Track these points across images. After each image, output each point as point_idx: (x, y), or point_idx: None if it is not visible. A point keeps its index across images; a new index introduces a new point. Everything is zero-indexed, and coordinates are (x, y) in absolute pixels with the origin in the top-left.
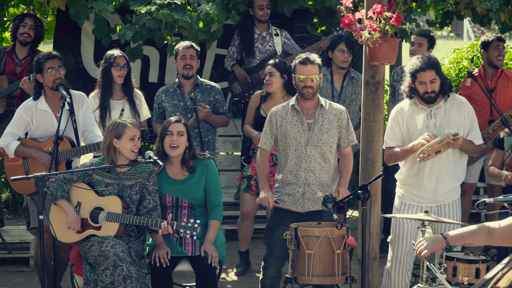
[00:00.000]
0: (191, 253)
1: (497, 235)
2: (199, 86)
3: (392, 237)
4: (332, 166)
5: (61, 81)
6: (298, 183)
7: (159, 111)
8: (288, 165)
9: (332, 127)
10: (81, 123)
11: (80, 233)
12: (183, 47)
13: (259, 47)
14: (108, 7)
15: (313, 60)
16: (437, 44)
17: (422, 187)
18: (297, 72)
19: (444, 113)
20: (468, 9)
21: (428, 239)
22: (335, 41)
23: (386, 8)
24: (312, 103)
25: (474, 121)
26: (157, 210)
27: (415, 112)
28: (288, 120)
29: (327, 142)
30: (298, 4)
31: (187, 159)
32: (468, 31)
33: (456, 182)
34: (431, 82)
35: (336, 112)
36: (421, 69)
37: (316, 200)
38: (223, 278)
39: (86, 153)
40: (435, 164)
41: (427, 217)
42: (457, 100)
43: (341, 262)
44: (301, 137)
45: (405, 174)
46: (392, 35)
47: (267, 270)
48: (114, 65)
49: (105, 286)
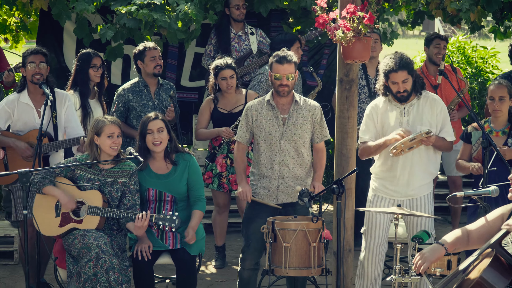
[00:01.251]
0: (172, 247)
1: (474, 237)
2: (163, 85)
3: (365, 228)
4: (306, 160)
5: (40, 76)
6: (273, 176)
7: (122, 110)
8: (262, 159)
9: (306, 122)
10: (63, 120)
11: (62, 227)
12: (151, 48)
13: (235, 46)
14: (89, 7)
15: (290, 59)
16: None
17: (395, 181)
18: (273, 70)
19: (417, 111)
20: (439, 9)
21: (426, 251)
22: (290, 39)
23: (359, 8)
24: (287, 99)
25: (446, 118)
26: (136, 209)
27: (389, 109)
28: (264, 114)
29: (301, 136)
30: (274, 4)
31: (169, 152)
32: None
33: (428, 177)
34: (403, 82)
35: (310, 108)
36: (393, 70)
37: (290, 192)
38: (202, 271)
39: (63, 147)
40: (408, 160)
41: (400, 211)
42: (430, 98)
43: (317, 254)
44: (275, 131)
45: (379, 168)
46: (365, 34)
47: (245, 261)
48: (91, 66)
49: (88, 278)
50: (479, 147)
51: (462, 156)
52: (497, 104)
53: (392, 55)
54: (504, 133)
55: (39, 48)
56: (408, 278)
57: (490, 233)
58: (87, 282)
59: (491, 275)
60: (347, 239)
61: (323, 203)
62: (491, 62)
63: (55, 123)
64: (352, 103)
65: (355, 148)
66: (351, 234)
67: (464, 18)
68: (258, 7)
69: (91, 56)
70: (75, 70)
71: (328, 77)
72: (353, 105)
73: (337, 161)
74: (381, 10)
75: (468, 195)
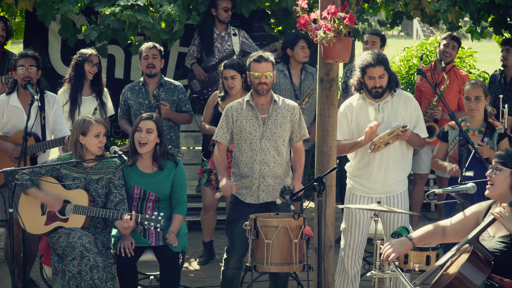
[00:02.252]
0: (155, 243)
1: (450, 232)
2: (163, 85)
3: (345, 226)
4: (285, 158)
5: (30, 80)
6: (254, 176)
7: (125, 107)
8: (243, 158)
9: (285, 122)
10: (51, 122)
11: (48, 225)
12: (146, 47)
13: (218, 47)
14: (74, 8)
15: (267, 58)
16: (388, 43)
17: (372, 179)
18: (252, 69)
19: (391, 108)
20: (417, 10)
21: (395, 242)
22: (293, 39)
23: (340, 8)
24: (266, 98)
25: (419, 115)
26: (124, 204)
27: (364, 106)
28: (244, 115)
29: (281, 135)
30: (256, 5)
31: (158, 155)
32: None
33: (403, 173)
34: (380, 78)
35: (289, 107)
36: (371, 65)
37: (270, 191)
38: (186, 267)
39: (50, 147)
40: (384, 156)
41: (380, 207)
42: (404, 96)
43: (299, 250)
44: (256, 131)
45: (355, 167)
46: (345, 35)
47: (230, 261)
48: (88, 60)
49: (72, 275)
50: (456, 145)
51: (437, 154)
52: (473, 103)
53: (369, 51)
54: (481, 132)
55: (31, 52)
56: (387, 273)
57: (464, 229)
58: (71, 280)
59: (469, 270)
60: (328, 235)
61: (304, 200)
62: (468, 61)
63: (43, 124)
64: (332, 102)
65: (335, 146)
66: (332, 230)
67: (442, 18)
68: (240, 8)
69: (89, 52)
70: (73, 65)
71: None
72: (334, 104)
73: (318, 159)
74: (361, 10)
75: (446, 192)
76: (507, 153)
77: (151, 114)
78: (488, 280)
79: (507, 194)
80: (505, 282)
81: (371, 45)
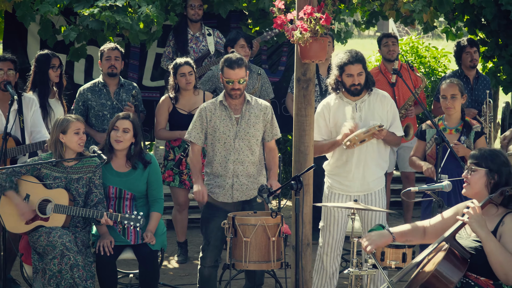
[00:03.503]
0: (134, 242)
1: (430, 232)
2: (124, 86)
3: (323, 224)
4: (258, 157)
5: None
6: (227, 175)
7: (83, 109)
8: (217, 158)
9: (258, 121)
10: (29, 124)
11: (28, 224)
12: (108, 48)
13: (193, 47)
14: (53, 9)
15: (240, 63)
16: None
17: (351, 177)
18: (225, 74)
19: (368, 106)
20: (392, 10)
21: (374, 235)
22: (233, 38)
23: (316, 9)
24: (239, 99)
25: (396, 114)
26: (103, 202)
27: (341, 105)
28: (217, 115)
29: (254, 135)
30: (233, 6)
31: (132, 155)
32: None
33: (380, 171)
34: (358, 75)
35: (261, 107)
36: (349, 62)
37: (244, 190)
38: (165, 265)
39: (31, 151)
40: (362, 154)
41: (357, 206)
42: (380, 95)
43: (276, 248)
44: (229, 131)
45: (334, 165)
46: (322, 35)
47: (206, 259)
48: (51, 66)
49: (53, 274)
50: (433, 144)
51: (415, 153)
52: (449, 102)
53: (346, 50)
54: (458, 130)
55: (8, 56)
56: (364, 270)
57: (444, 229)
58: (52, 278)
59: (446, 267)
60: (305, 233)
61: (282, 199)
62: (443, 61)
63: (22, 127)
64: (309, 102)
65: (312, 145)
66: (309, 228)
67: (417, 19)
68: (218, 9)
69: (50, 57)
70: (34, 71)
71: (287, 76)
72: (310, 104)
73: (295, 158)
74: (337, 11)
75: (422, 190)
76: (481, 153)
77: (128, 114)
78: (464, 278)
79: (484, 193)
80: (481, 280)
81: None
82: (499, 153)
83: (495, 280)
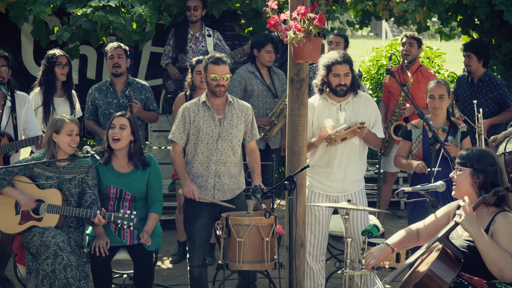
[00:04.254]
0: (129, 242)
1: (423, 234)
2: (131, 85)
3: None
4: (239, 158)
5: (2, 80)
6: (209, 175)
7: (92, 108)
8: (199, 158)
9: (240, 122)
10: (23, 121)
11: (22, 224)
12: (111, 47)
13: (192, 47)
14: (46, 10)
15: (225, 60)
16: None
17: (332, 177)
18: (209, 71)
19: (352, 108)
20: (386, 10)
21: (374, 250)
22: (262, 41)
23: (310, 9)
24: (221, 99)
25: (378, 116)
26: (97, 203)
27: (326, 106)
28: (201, 115)
29: (236, 135)
30: (227, 6)
31: (132, 153)
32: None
33: (360, 173)
34: (345, 75)
35: (243, 108)
36: (337, 62)
37: (226, 190)
38: (158, 266)
39: (23, 146)
40: (344, 155)
41: (350, 206)
42: (364, 97)
43: (270, 249)
44: (212, 131)
45: (314, 164)
46: (315, 35)
47: (193, 260)
48: (57, 64)
49: (46, 274)
50: (420, 144)
51: (400, 153)
52: (437, 102)
53: (335, 51)
54: (444, 130)
55: (1, 52)
56: (358, 271)
57: (437, 229)
58: (45, 279)
59: (439, 267)
60: (299, 233)
61: (276, 199)
62: (437, 62)
63: (15, 124)
64: (302, 102)
65: (305, 145)
66: (302, 228)
67: (410, 19)
68: (211, 9)
69: (56, 55)
70: (42, 69)
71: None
72: (304, 104)
73: (289, 158)
74: (330, 11)
75: (416, 190)
76: (467, 153)
77: (124, 112)
78: (458, 278)
79: (471, 193)
80: (474, 280)
81: (335, 45)
82: (486, 153)
83: (488, 279)
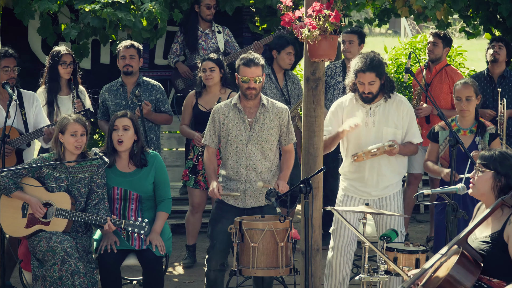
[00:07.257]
0: (138, 247)
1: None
2: (141, 85)
3: (334, 228)
4: (273, 163)
5: (13, 81)
6: (240, 180)
7: (103, 108)
8: (229, 162)
9: (273, 126)
10: (33, 120)
11: (29, 228)
12: (123, 47)
13: (202, 44)
14: (53, 6)
15: (257, 62)
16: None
17: (364, 182)
18: (241, 73)
19: (383, 111)
20: (405, 7)
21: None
22: (282, 43)
23: (325, 6)
24: (254, 102)
25: (412, 120)
26: (104, 203)
27: (355, 108)
28: (230, 118)
29: (268, 140)
30: (240, 3)
31: (135, 152)
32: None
33: (397, 176)
34: (370, 84)
35: (277, 111)
36: (361, 70)
37: (257, 196)
38: (169, 272)
39: (32, 139)
40: (375, 161)
41: (368, 209)
42: (397, 100)
43: (285, 254)
44: (242, 135)
45: (347, 169)
46: (331, 33)
47: (211, 262)
48: (61, 63)
49: (53, 281)
50: (446, 146)
51: (429, 157)
52: (464, 104)
53: (364, 54)
54: (472, 131)
55: (11, 51)
56: (376, 277)
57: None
58: (52, 286)
59: (459, 272)
60: (315, 238)
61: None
62: (458, 60)
63: (25, 120)
64: (318, 102)
65: (322, 147)
66: (319, 233)
67: (430, 15)
68: (224, 6)
69: (61, 53)
70: (47, 66)
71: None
72: (320, 104)
73: (304, 160)
74: (346, 8)
75: (435, 193)
76: (490, 154)
77: (125, 112)
78: (477, 281)
79: (490, 195)
80: (493, 282)
81: (349, 44)
82: (509, 155)
83: (508, 281)
